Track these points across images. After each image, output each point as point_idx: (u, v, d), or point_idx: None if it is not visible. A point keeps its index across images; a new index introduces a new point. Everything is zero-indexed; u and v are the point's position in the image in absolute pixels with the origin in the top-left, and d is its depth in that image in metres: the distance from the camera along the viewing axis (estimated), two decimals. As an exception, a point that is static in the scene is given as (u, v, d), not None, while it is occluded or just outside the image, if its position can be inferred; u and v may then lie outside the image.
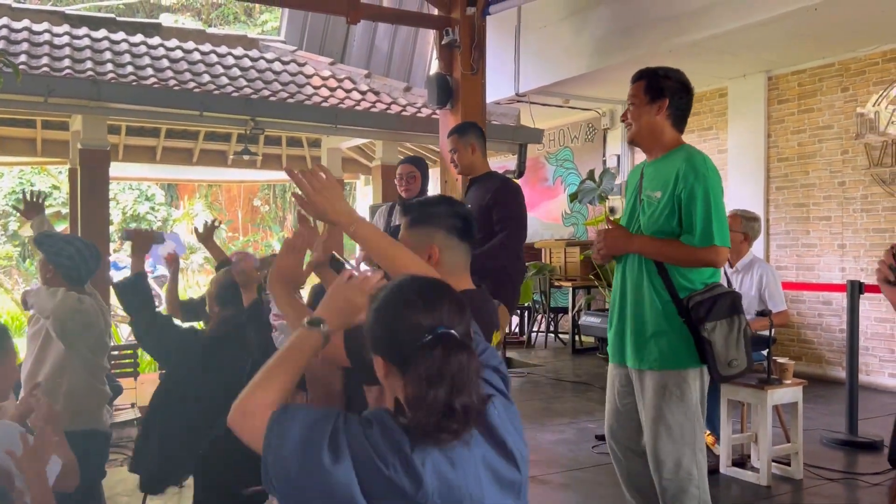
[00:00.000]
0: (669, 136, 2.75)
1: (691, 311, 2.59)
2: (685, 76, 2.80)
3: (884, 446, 4.44)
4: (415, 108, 7.76)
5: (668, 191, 2.66)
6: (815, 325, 7.18)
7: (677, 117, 2.75)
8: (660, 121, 2.72)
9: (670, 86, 2.73)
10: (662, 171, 2.72)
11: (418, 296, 1.28)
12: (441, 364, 1.18)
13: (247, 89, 7.04)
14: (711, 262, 2.65)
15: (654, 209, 2.71)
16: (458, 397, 1.17)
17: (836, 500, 3.80)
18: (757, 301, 4.43)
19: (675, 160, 2.68)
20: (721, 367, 2.60)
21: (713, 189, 2.62)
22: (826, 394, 6.17)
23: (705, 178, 2.61)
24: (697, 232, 2.60)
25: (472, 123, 4.19)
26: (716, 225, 2.60)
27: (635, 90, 2.78)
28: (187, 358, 2.90)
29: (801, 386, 4.11)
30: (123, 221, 17.35)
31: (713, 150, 8.13)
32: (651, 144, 2.79)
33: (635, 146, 2.92)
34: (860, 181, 6.80)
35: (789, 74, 7.37)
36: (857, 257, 6.82)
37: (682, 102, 2.75)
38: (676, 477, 2.63)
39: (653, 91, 2.73)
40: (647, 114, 2.73)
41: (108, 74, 6.32)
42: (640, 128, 2.76)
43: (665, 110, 2.71)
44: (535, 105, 8.46)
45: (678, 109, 2.74)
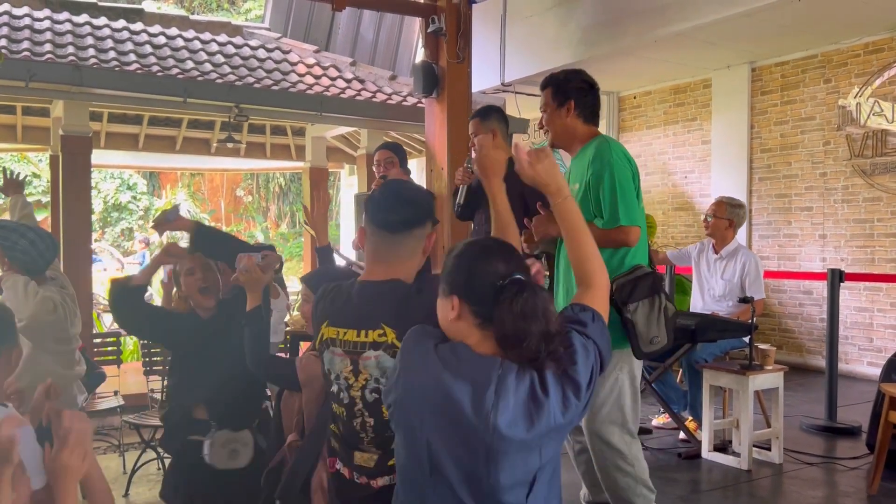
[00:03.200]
0: (582, 131, 2.94)
1: (614, 294, 2.70)
2: (587, 75, 2.99)
3: (862, 432, 4.52)
4: (400, 96, 7.74)
5: (583, 180, 2.83)
6: (796, 314, 7.26)
7: (586, 114, 2.93)
8: (570, 121, 2.92)
9: (573, 87, 2.91)
10: (579, 164, 2.91)
11: (497, 247, 1.50)
12: (532, 301, 1.38)
13: (231, 76, 6.98)
14: (622, 241, 2.76)
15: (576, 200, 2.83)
16: (551, 325, 1.39)
17: (815, 484, 3.86)
18: (738, 288, 4.48)
19: (588, 152, 2.87)
20: (643, 345, 2.73)
21: (619, 173, 2.75)
22: (806, 381, 6.25)
23: (611, 163, 2.76)
24: (606, 215, 2.75)
25: (496, 108, 4.03)
26: (622, 206, 2.73)
27: (545, 98, 2.97)
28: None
29: (781, 372, 4.16)
30: (105, 211, 17.19)
31: (697, 141, 8.19)
32: (569, 144, 2.98)
33: (556, 149, 3.07)
34: (841, 172, 6.87)
35: (773, 66, 7.43)
36: (837, 247, 6.90)
37: (588, 100, 2.93)
38: (609, 455, 2.76)
39: (559, 96, 2.92)
40: (557, 118, 2.93)
41: (91, 60, 6.24)
42: (555, 132, 2.97)
43: (573, 111, 2.90)
44: (521, 95, 8.46)
45: (585, 107, 2.92)
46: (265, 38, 8.71)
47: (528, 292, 1.39)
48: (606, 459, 2.78)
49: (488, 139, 2.01)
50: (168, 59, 7.00)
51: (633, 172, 2.84)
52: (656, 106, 8.66)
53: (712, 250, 4.69)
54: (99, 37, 7.07)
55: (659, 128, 8.62)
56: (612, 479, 2.78)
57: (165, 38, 7.62)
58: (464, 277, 1.45)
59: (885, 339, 6.50)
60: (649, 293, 2.75)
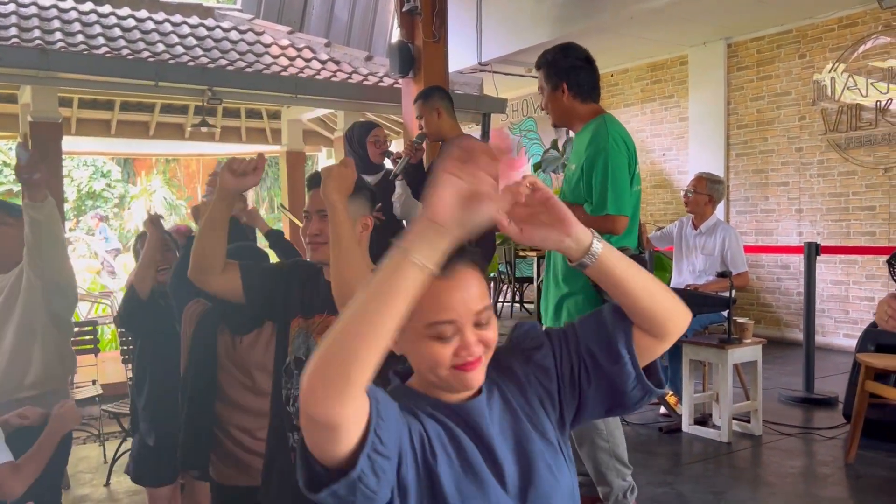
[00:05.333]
0: (582, 111, 2.88)
1: None
2: (580, 50, 2.91)
3: (839, 402, 4.58)
4: (376, 77, 7.66)
5: (580, 163, 2.81)
6: (774, 288, 7.34)
7: (583, 92, 2.87)
8: (566, 102, 2.87)
9: (565, 67, 2.86)
10: (578, 144, 2.88)
11: None
12: None
13: (203, 59, 6.86)
14: (608, 230, 2.74)
15: (571, 180, 2.89)
16: None
17: (794, 454, 3.91)
18: (719, 262, 4.50)
19: (586, 133, 2.83)
20: None
21: (613, 160, 2.73)
22: (784, 354, 6.33)
23: (605, 150, 2.73)
24: (595, 201, 2.74)
25: (437, 87, 4.10)
26: (611, 195, 2.71)
27: (540, 80, 2.93)
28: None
29: (760, 345, 4.20)
30: (79, 199, 16.94)
31: (674, 118, 8.21)
32: (570, 123, 2.96)
33: (559, 127, 3.04)
34: (817, 147, 6.92)
35: (748, 41, 7.44)
36: (813, 221, 6.97)
37: (581, 77, 2.86)
38: (585, 431, 2.81)
39: (551, 78, 2.88)
40: (554, 100, 2.90)
41: (58, 44, 6.10)
42: (555, 113, 2.94)
43: (567, 91, 2.85)
44: (499, 74, 8.42)
45: (580, 86, 2.86)
46: (237, 19, 8.58)
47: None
48: (583, 434, 2.81)
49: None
50: (138, 41, 6.86)
51: (628, 157, 2.81)
52: (633, 83, 8.65)
53: (691, 226, 4.71)
54: (66, 20, 6.91)
55: (636, 105, 8.62)
56: (587, 453, 2.83)
57: (135, 20, 7.47)
58: None
59: (860, 310, 6.59)
60: None
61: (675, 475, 3.63)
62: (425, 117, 3.88)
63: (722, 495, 3.36)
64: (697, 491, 3.41)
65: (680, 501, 3.31)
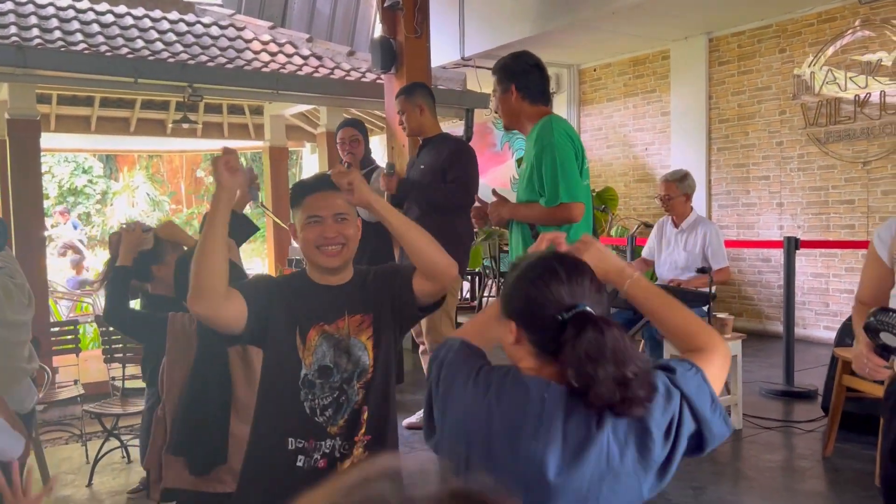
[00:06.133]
0: (529, 112, 2.98)
1: None
2: (531, 56, 3.03)
3: (818, 395, 4.63)
4: (359, 72, 7.63)
5: (529, 161, 2.90)
6: (755, 282, 7.40)
7: (533, 95, 2.97)
8: (516, 104, 2.97)
9: (514, 71, 2.97)
10: (528, 144, 2.98)
11: (562, 268, 1.28)
12: (598, 341, 1.18)
13: (183, 55, 6.80)
14: (566, 218, 2.82)
15: (522, 179, 2.99)
16: (626, 368, 1.17)
17: (773, 448, 3.96)
18: (700, 258, 4.53)
19: (534, 132, 2.92)
20: None
21: (559, 152, 2.81)
22: (765, 347, 6.39)
23: (551, 143, 2.81)
24: (547, 193, 2.82)
25: (420, 84, 4.12)
26: (562, 184, 2.79)
27: (493, 84, 3.04)
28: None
29: (740, 339, 4.23)
30: (60, 195, 16.77)
31: (657, 113, 8.24)
32: (520, 125, 3.04)
33: (511, 130, 3.18)
34: (797, 141, 6.98)
35: (729, 36, 7.48)
36: (794, 215, 7.03)
37: (531, 80, 2.97)
38: None
39: (502, 82, 2.99)
40: (504, 102, 3.00)
41: (35, 40, 6.03)
42: (505, 115, 3.05)
43: (516, 93, 2.95)
44: (482, 69, 8.40)
45: (528, 88, 2.96)
46: (217, 14, 8.50)
47: (594, 331, 1.19)
48: None
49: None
50: (117, 38, 6.79)
51: (575, 150, 2.88)
52: (616, 78, 8.68)
53: (671, 224, 4.73)
54: (43, 16, 6.82)
55: (619, 100, 8.65)
56: None
57: (113, 16, 7.38)
58: (521, 304, 1.29)
59: (840, 303, 6.66)
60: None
61: (656, 470, 3.65)
62: (407, 113, 3.90)
63: (702, 490, 3.39)
64: (678, 486, 3.44)
65: (660, 497, 3.33)
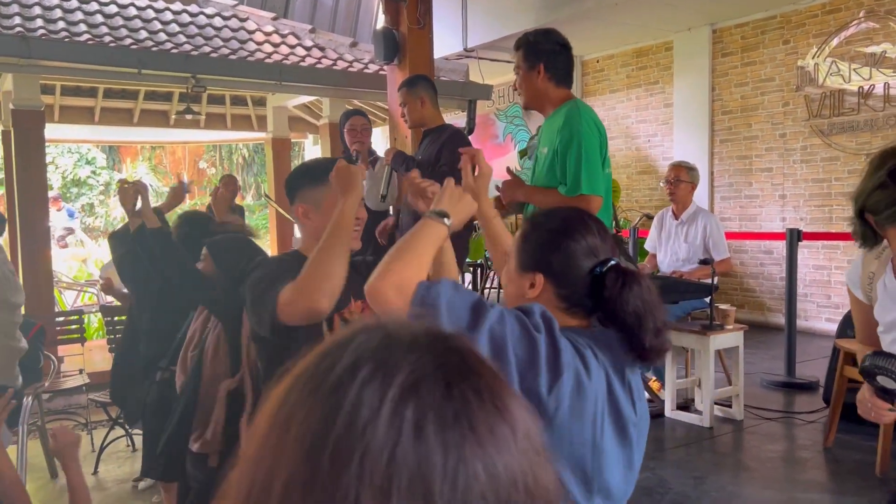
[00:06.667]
0: (555, 94, 2.91)
1: None
2: (560, 35, 2.95)
3: (819, 386, 4.65)
4: (361, 64, 7.63)
5: (552, 146, 2.84)
6: (757, 273, 7.41)
7: (558, 76, 2.91)
8: (541, 84, 2.90)
9: (544, 49, 2.89)
10: (550, 128, 2.91)
11: (591, 222, 1.33)
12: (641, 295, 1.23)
13: (186, 46, 6.81)
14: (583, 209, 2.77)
15: (542, 164, 2.92)
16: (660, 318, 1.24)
17: (774, 438, 3.98)
18: (701, 250, 4.55)
19: (558, 117, 2.86)
20: None
21: (586, 142, 2.76)
22: (766, 339, 6.40)
23: (579, 132, 2.76)
24: (569, 182, 2.78)
25: (422, 76, 4.13)
26: (585, 175, 2.75)
27: (517, 60, 2.95)
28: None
29: (741, 331, 4.25)
30: (63, 186, 16.79)
31: (659, 104, 8.23)
32: (541, 106, 2.97)
33: (530, 110, 3.10)
34: (800, 132, 6.97)
35: (733, 27, 7.46)
36: (796, 207, 7.03)
37: (559, 61, 2.90)
38: None
39: (529, 59, 2.90)
40: (529, 81, 2.92)
41: (39, 31, 6.03)
42: (526, 94, 2.97)
43: (544, 73, 2.88)
44: (484, 60, 8.40)
45: (556, 69, 2.90)
46: (221, 5, 8.49)
47: (636, 284, 1.23)
48: None
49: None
50: (121, 28, 6.79)
51: (600, 140, 2.85)
52: (619, 69, 8.66)
53: (671, 216, 4.74)
54: (46, 6, 6.82)
55: (622, 91, 8.63)
56: None
57: (117, 6, 7.38)
58: (557, 257, 1.29)
59: (842, 295, 6.66)
60: None
61: (657, 460, 3.68)
62: (409, 105, 3.90)
63: (703, 480, 3.41)
64: (679, 476, 3.46)
65: (662, 486, 3.36)
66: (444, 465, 0.43)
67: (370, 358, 0.47)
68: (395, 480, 0.42)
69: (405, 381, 0.45)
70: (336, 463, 0.43)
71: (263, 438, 0.47)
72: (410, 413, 0.44)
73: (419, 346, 0.48)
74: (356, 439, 0.43)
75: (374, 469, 0.42)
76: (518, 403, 0.49)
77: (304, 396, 0.47)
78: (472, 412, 0.46)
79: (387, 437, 0.43)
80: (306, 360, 0.50)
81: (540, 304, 1.20)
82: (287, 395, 0.48)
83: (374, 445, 0.43)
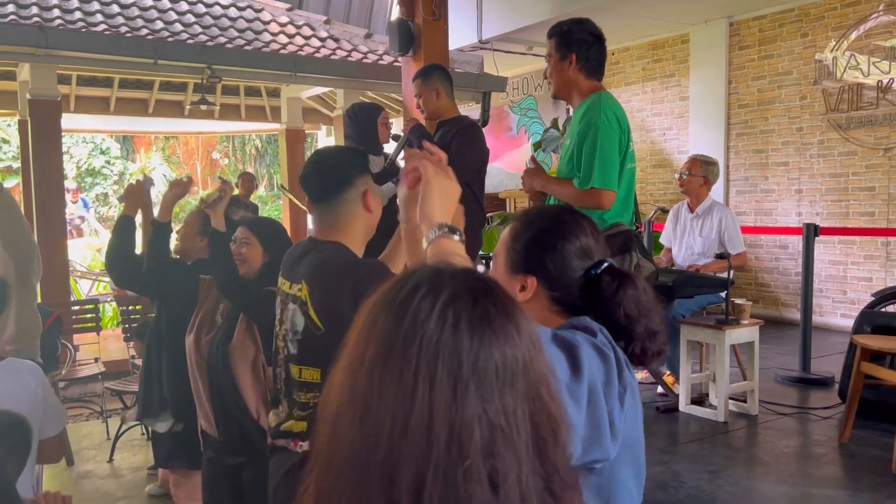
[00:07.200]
0: (584, 85, 2.88)
1: None
2: (594, 26, 2.91)
3: (834, 382, 4.62)
4: (376, 55, 7.63)
5: (574, 137, 2.83)
6: (772, 268, 7.36)
7: (589, 67, 2.87)
8: (572, 74, 2.87)
9: (577, 39, 2.85)
10: (575, 119, 2.89)
11: (582, 221, 1.28)
12: (635, 297, 1.19)
13: (202, 36, 6.83)
14: (595, 204, 2.73)
15: (565, 154, 2.92)
16: (654, 320, 1.21)
17: (789, 434, 3.96)
18: (717, 244, 4.52)
19: (582, 108, 2.84)
20: None
21: (603, 135, 2.73)
22: (781, 334, 6.37)
23: (596, 124, 2.73)
24: (582, 174, 2.76)
25: (437, 66, 4.07)
26: (597, 169, 2.71)
27: (549, 48, 2.92)
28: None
29: (757, 326, 4.23)
30: (78, 176, 16.90)
31: (675, 97, 8.18)
32: (570, 96, 2.95)
33: (559, 100, 3.01)
34: (817, 127, 6.91)
35: (750, 20, 7.39)
36: (813, 202, 6.97)
37: (592, 52, 2.86)
38: None
39: (562, 48, 2.86)
40: (559, 70, 2.89)
41: (56, 21, 6.07)
42: (557, 83, 2.93)
43: (575, 63, 2.85)
44: (499, 52, 8.37)
45: (588, 60, 2.86)
46: (236, -4, 8.50)
47: (632, 286, 1.20)
48: None
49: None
50: (137, 19, 6.82)
51: (620, 134, 2.80)
52: (634, 62, 8.61)
53: (687, 209, 4.71)
54: (63, -4, 6.86)
55: (637, 84, 8.58)
56: None
57: (133, -4, 7.42)
58: (547, 257, 1.24)
59: (858, 291, 6.62)
60: (620, 251, 2.75)
61: (671, 454, 3.67)
62: (424, 96, 3.87)
63: (717, 474, 3.40)
64: (693, 470, 3.45)
65: (676, 480, 3.35)
66: (470, 347, 0.68)
67: (425, 282, 0.72)
68: (440, 355, 0.67)
69: (447, 296, 0.70)
70: (405, 344, 0.68)
71: (357, 332, 0.72)
72: (451, 315, 0.69)
73: (457, 276, 0.73)
74: (417, 329, 0.68)
75: (427, 348, 0.67)
76: (521, 314, 0.74)
77: (384, 306, 0.71)
78: (490, 316, 0.70)
79: (435, 329, 0.68)
80: (384, 286, 0.74)
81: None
82: (373, 307, 0.72)
83: (427, 334, 0.68)
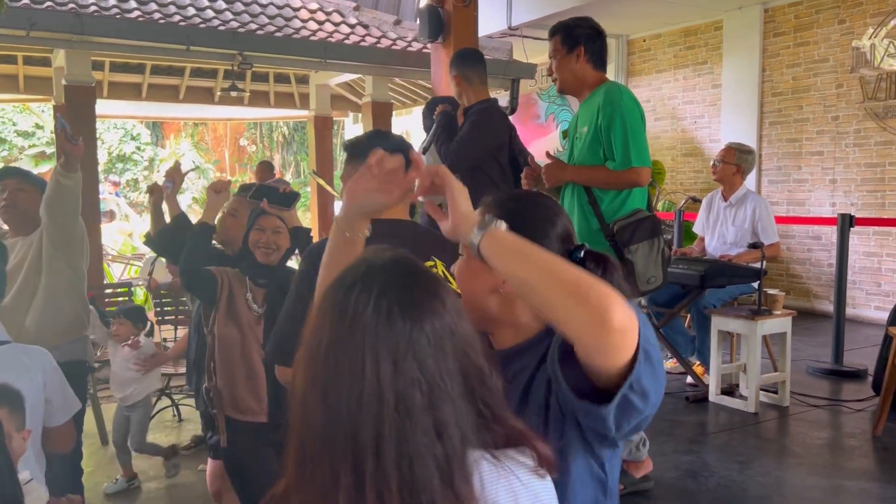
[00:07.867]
0: (592, 77, 3.02)
1: (616, 235, 2.85)
2: (594, 22, 3.07)
3: (868, 375, 4.56)
4: (405, 41, 7.61)
5: (592, 124, 2.92)
6: (805, 259, 7.26)
7: (595, 60, 3.02)
8: (580, 67, 3.01)
9: (583, 33, 2.99)
10: (588, 109, 2.99)
11: (554, 205, 1.24)
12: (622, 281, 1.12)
13: (233, 23, 6.87)
14: (635, 182, 2.88)
15: (583, 143, 2.99)
16: None
17: (821, 426, 3.92)
18: (750, 233, 4.46)
19: (597, 97, 2.95)
20: (640, 284, 2.87)
21: (629, 116, 2.86)
22: (813, 326, 6.29)
23: (620, 106, 2.86)
24: (618, 157, 2.86)
25: (470, 50, 4.04)
26: (633, 148, 2.83)
27: (554, 45, 3.03)
28: None
29: (790, 316, 4.18)
30: (109, 162, 17.14)
31: (707, 85, 8.06)
32: (578, 89, 3.06)
33: (565, 94, 3.19)
34: (854, 115, 6.78)
35: (786, 6, 7.25)
36: (847, 192, 6.85)
37: (596, 45, 3.02)
38: None
39: (568, 42, 2.99)
40: (567, 64, 3.01)
41: (91, 7, 6.14)
42: (564, 78, 3.05)
43: (583, 56, 2.99)
44: (528, 39, 8.31)
45: (594, 53, 3.01)
46: (266, -18, 8.53)
47: (615, 271, 1.14)
48: None
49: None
50: (169, 5, 6.88)
51: (641, 117, 2.93)
52: (666, 49, 8.50)
53: (721, 198, 4.66)
54: (98, -17, 6.94)
55: (668, 72, 8.48)
56: None
57: (165, -17, 7.47)
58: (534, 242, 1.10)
59: (892, 283, 6.51)
60: (649, 235, 2.88)
61: (700, 444, 3.66)
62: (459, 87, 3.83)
63: (747, 465, 3.38)
64: (723, 460, 3.43)
65: (705, 470, 3.34)
66: (403, 328, 0.82)
67: (359, 280, 0.85)
68: (380, 339, 0.81)
69: (378, 290, 0.84)
70: (350, 334, 0.82)
71: (312, 328, 0.87)
72: (384, 306, 0.83)
73: (386, 268, 0.87)
74: (358, 322, 0.82)
75: (369, 335, 0.82)
76: (445, 290, 0.87)
77: (330, 304, 0.86)
78: (418, 299, 0.84)
79: (372, 318, 0.82)
80: (329, 286, 0.88)
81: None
82: (321, 305, 0.87)
83: (367, 324, 0.82)
